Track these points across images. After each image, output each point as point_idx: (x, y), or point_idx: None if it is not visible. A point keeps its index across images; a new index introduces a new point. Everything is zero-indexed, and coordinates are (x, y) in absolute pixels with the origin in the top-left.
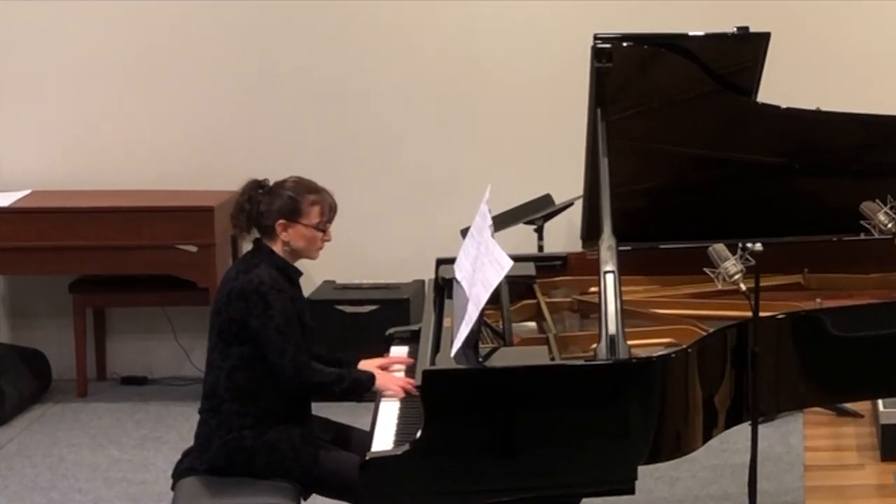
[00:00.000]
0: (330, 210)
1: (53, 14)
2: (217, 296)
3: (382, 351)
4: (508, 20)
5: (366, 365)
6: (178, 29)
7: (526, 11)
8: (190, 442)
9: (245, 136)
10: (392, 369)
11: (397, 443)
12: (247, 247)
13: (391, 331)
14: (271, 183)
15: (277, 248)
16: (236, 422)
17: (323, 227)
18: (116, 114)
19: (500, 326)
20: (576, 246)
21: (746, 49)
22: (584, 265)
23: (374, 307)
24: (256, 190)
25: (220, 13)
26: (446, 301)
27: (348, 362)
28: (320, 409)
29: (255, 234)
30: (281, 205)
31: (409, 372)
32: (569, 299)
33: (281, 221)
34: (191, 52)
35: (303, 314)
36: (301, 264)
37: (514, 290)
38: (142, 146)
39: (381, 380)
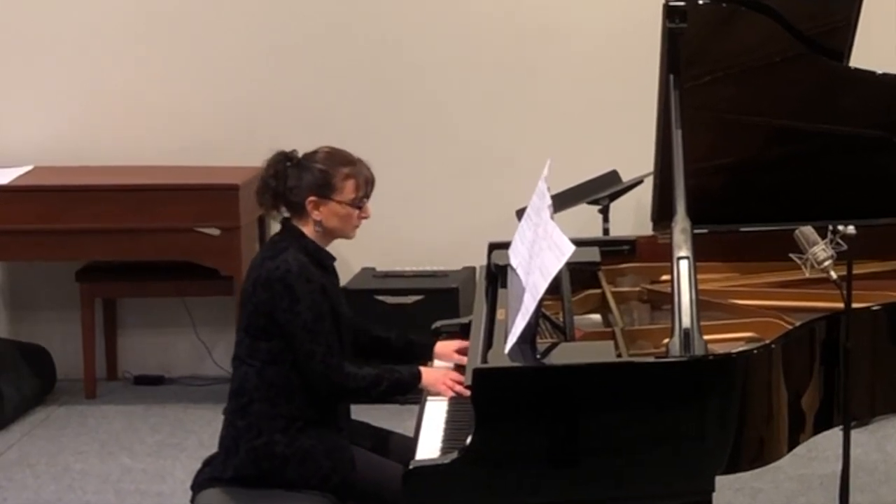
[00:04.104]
0: (367, 184)
1: None
2: (243, 285)
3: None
4: None
5: (442, 348)
6: None
7: None
8: (211, 449)
9: (274, 106)
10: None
11: (445, 450)
12: (276, 228)
13: (438, 324)
14: (300, 155)
15: (308, 228)
16: (266, 424)
17: (359, 204)
18: (128, 80)
19: (561, 319)
20: (645, 229)
21: (837, 7)
22: (654, 250)
23: (418, 297)
24: (283, 163)
25: None
26: (500, 290)
27: (422, 345)
28: (360, 412)
29: (284, 212)
30: (311, 180)
31: (460, 369)
32: (638, 289)
33: (312, 198)
34: (211, 9)
35: (338, 305)
36: (336, 248)
37: (577, 278)
38: (157, 116)
39: (429, 377)
